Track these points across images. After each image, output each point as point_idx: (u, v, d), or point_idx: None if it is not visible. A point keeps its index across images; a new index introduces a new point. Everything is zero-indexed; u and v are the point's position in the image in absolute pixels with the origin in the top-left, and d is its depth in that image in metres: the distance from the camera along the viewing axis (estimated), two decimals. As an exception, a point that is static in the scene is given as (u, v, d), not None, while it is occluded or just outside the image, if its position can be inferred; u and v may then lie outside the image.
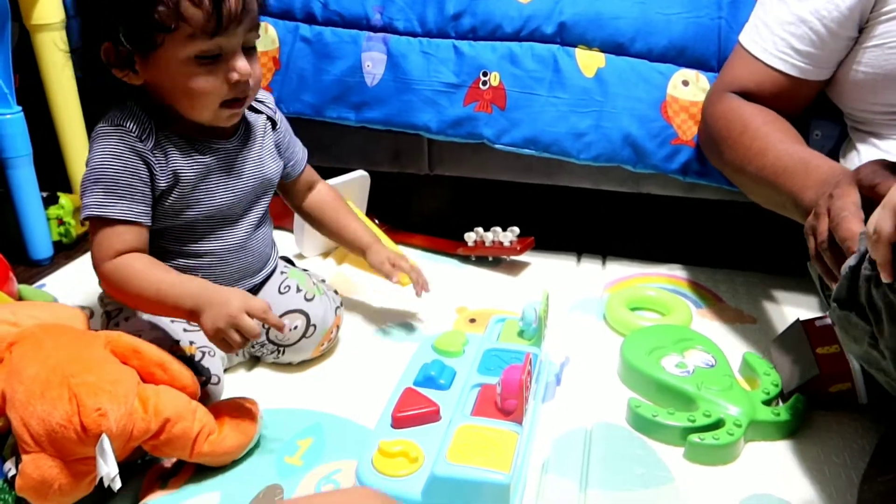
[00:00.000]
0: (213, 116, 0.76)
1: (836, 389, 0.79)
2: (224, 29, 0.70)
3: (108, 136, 0.74)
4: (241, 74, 0.73)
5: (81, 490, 0.63)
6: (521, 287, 1.11)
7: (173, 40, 0.69)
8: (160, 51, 0.70)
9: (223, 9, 0.69)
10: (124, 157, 0.73)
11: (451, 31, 1.09)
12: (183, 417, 0.67)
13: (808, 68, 0.87)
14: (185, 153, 0.78)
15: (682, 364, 0.83)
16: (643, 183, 1.13)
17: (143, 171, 0.74)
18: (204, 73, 0.72)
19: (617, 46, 1.04)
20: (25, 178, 1.15)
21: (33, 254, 1.18)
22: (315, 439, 0.76)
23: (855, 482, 0.70)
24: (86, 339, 0.67)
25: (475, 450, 0.65)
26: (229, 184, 0.82)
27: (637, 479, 0.71)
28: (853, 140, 0.91)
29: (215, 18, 0.69)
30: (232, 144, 0.81)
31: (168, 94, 0.74)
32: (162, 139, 0.76)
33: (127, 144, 0.74)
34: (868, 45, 0.82)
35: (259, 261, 0.89)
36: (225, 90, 0.73)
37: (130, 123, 0.75)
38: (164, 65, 0.71)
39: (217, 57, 0.72)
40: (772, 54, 0.88)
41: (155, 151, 0.75)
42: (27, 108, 1.14)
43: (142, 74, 0.73)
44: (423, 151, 1.19)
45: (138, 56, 0.71)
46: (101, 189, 0.73)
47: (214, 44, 0.70)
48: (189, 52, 0.70)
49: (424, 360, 0.84)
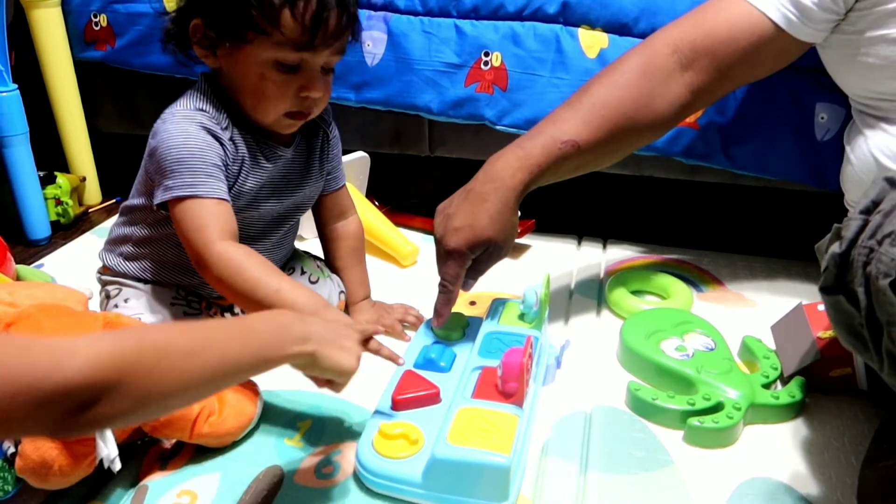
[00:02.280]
0: (274, 122, 0.75)
1: (837, 374, 0.79)
2: (313, 47, 0.70)
3: (185, 118, 0.72)
4: (314, 95, 0.73)
5: (81, 471, 0.63)
6: (522, 270, 1.11)
7: (262, 41, 0.69)
8: (246, 46, 0.70)
9: (320, 29, 0.69)
10: (207, 138, 0.72)
11: (453, 9, 1.07)
12: None
13: (796, 22, 0.79)
14: (253, 154, 0.77)
15: (682, 347, 0.83)
16: (645, 166, 1.12)
17: (222, 153, 0.73)
18: (279, 80, 0.71)
19: (620, 27, 1.03)
20: (22, 158, 1.14)
21: (31, 234, 1.17)
22: (315, 421, 0.76)
23: (855, 466, 0.70)
24: (84, 321, 0.67)
25: (475, 432, 0.65)
26: (283, 193, 0.81)
27: (637, 461, 0.71)
28: (859, 124, 0.89)
29: (309, 35, 0.69)
30: (290, 154, 0.80)
31: (238, 87, 0.74)
32: (235, 132, 0.75)
33: (206, 126, 0.72)
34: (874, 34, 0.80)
35: (282, 258, 0.90)
36: (292, 102, 0.73)
37: (208, 107, 0.74)
38: (244, 60, 0.71)
39: (296, 68, 0.71)
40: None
41: (230, 142, 0.74)
42: (23, 86, 1.13)
43: (220, 60, 0.73)
44: (423, 133, 1.18)
45: (222, 44, 0.71)
46: (186, 169, 0.70)
47: (298, 57, 0.70)
48: (271, 56, 0.70)
49: (425, 342, 0.83)
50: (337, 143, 0.88)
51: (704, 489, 0.68)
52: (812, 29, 0.80)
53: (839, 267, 0.59)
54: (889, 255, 0.53)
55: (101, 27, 1.20)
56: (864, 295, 0.56)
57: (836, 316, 0.62)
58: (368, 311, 0.93)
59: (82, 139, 1.28)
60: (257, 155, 0.77)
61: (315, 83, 0.72)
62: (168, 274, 0.81)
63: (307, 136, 0.83)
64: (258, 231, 0.82)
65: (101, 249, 0.86)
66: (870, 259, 0.55)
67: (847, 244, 0.57)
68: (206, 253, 0.69)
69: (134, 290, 0.81)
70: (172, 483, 0.67)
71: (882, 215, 0.57)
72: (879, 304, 0.55)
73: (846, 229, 0.58)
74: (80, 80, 1.25)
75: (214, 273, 0.69)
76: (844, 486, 0.68)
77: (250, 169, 0.76)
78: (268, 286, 0.68)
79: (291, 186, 0.82)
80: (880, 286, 0.53)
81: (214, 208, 0.70)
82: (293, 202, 0.83)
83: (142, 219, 0.80)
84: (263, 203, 0.80)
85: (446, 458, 0.63)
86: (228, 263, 0.68)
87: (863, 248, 0.56)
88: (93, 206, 1.32)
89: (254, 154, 0.77)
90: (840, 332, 0.63)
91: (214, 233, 0.69)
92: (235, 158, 0.75)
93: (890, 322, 0.54)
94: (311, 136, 0.83)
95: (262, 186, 0.78)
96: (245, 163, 0.76)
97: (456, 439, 0.64)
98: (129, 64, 1.21)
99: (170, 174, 0.70)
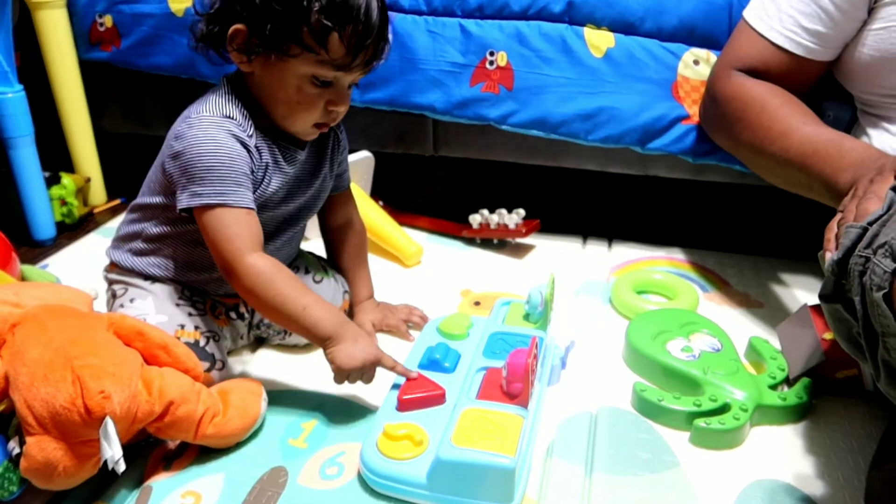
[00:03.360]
0: (302, 130, 0.77)
1: (843, 375, 0.79)
2: (350, 69, 0.72)
3: (214, 125, 0.72)
4: (341, 109, 0.76)
5: (86, 472, 0.63)
6: (527, 270, 1.11)
7: (305, 58, 0.70)
8: (288, 60, 0.71)
9: (361, 52, 0.71)
10: (236, 146, 0.72)
11: (458, 9, 1.07)
12: (187, 400, 0.67)
13: (816, 48, 0.86)
14: (275, 158, 0.77)
15: (688, 348, 0.83)
16: (651, 165, 1.12)
17: (249, 161, 0.73)
18: (313, 93, 0.73)
19: (626, 26, 1.03)
20: (27, 158, 1.14)
21: (36, 234, 1.18)
22: (319, 422, 0.76)
23: (862, 467, 0.70)
24: (89, 321, 0.67)
25: (480, 433, 0.65)
26: (298, 194, 0.82)
27: (642, 463, 0.71)
28: (863, 124, 0.89)
29: (350, 58, 0.71)
30: (304, 157, 0.81)
31: (270, 95, 0.74)
32: (259, 138, 0.76)
33: (234, 134, 0.72)
34: (874, 28, 0.81)
35: (289, 258, 0.90)
36: (321, 114, 0.75)
37: (235, 113, 0.74)
38: (282, 71, 0.72)
39: (329, 84, 0.73)
40: (779, 32, 0.87)
41: (256, 149, 0.75)
42: (29, 87, 1.13)
43: (255, 67, 0.73)
44: (428, 132, 1.18)
45: (265, 54, 0.71)
46: (217, 178, 0.70)
47: (334, 75, 0.72)
48: (310, 72, 0.71)
49: (429, 343, 0.83)
50: (346, 145, 0.89)
51: (711, 491, 0.67)
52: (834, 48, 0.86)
53: (837, 275, 0.58)
54: (882, 266, 0.52)
55: (106, 28, 1.20)
56: (861, 304, 0.56)
57: (834, 324, 0.62)
58: (373, 310, 0.94)
59: (87, 140, 1.29)
60: (279, 159, 0.78)
61: (344, 99, 0.75)
62: (178, 271, 0.82)
63: (319, 138, 0.83)
64: (270, 231, 0.82)
65: (109, 247, 0.86)
66: (865, 269, 0.54)
67: (844, 252, 0.57)
68: (238, 265, 0.70)
69: (140, 290, 0.81)
70: (176, 484, 0.67)
71: (879, 224, 0.56)
72: (874, 315, 0.54)
73: (845, 237, 0.58)
74: (85, 81, 1.25)
75: (245, 285, 0.71)
76: (852, 488, 0.68)
77: (273, 173, 0.77)
78: (296, 303, 0.71)
79: (304, 187, 0.83)
80: (874, 298, 0.53)
81: (244, 218, 0.71)
82: (305, 202, 0.84)
83: (154, 216, 0.80)
84: (281, 204, 0.81)
85: (451, 460, 0.63)
86: (259, 277, 0.70)
87: (859, 257, 0.55)
88: (98, 207, 1.32)
89: (276, 158, 0.77)
90: (840, 339, 0.63)
91: (246, 244, 0.71)
92: (260, 164, 0.75)
93: (884, 333, 0.54)
94: (323, 138, 0.84)
95: (280, 187, 0.79)
96: (269, 167, 0.77)
97: (461, 440, 0.64)
98: (135, 65, 1.22)
99: (199, 181, 0.70)
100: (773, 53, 0.88)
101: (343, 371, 0.72)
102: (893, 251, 0.52)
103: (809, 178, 0.79)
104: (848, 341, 0.62)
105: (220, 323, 0.83)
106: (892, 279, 0.51)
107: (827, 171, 0.76)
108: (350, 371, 0.72)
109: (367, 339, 0.74)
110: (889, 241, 0.52)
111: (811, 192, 0.80)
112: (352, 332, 0.73)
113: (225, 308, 0.85)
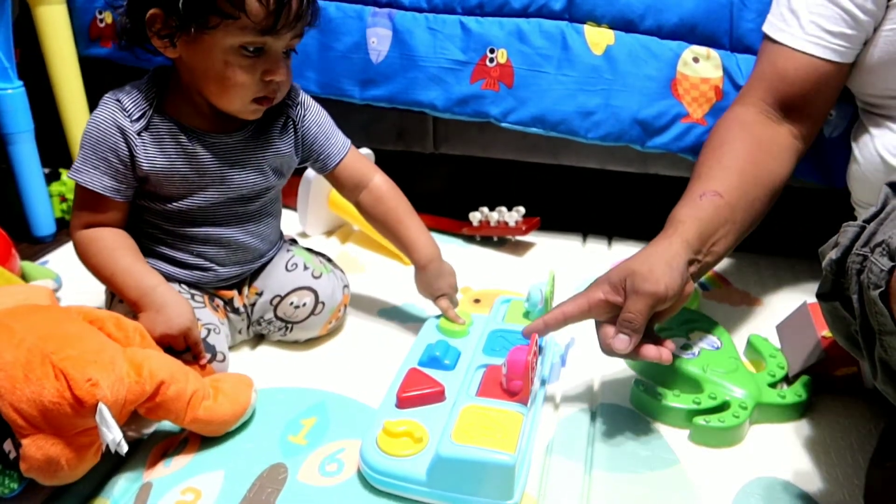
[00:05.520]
0: (241, 108, 0.76)
1: (842, 373, 0.79)
2: (276, 30, 0.70)
3: (102, 106, 0.75)
4: (277, 78, 0.74)
5: (88, 461, 0.63)
6: (527, 267, 1.11)
7: (226, 27, 0.69)
8: (209, 33, 0.70)
9: (283, 11, 0.70)
10: (108, 132, 0.74)
11: (458, 6, 1.07)
12: (177, 379, 0.67)
13: (843, 49, 0.82)
14: (177, 142, 0.77)
15: (688, 346, 0.83)
16: (651, 163, 1.12)
17: (122, 148, 0.75)
18: (244, 65, 0.72)
19: (626, 23, 1.02)
20: (27, 154, 1.14)
21: (36, 230, 1.18)
22: (319, 418, 0.76)
23: (862, 465, 0.70)
24: (56, 315, 0.67)
25: (480, 430, 0.65)
26: (226, 179, 0.80)
27: (642, 460, 0.71)
28: (865, 123, 0.89)
29: (273, 18, 0.70)
30: (233, 139, 0.79)
31: (200, 76, 0.74)
32: (157, 123, 0.76)
33: (113, 119, 0.74)
34: (885, 29, 0.80)
35: (261, 249, 0.87)
36: (258, 87, 0.74)
37: (128, 100, 0.75)
38: (207, 48, 0.71)
39: (260, 51, 0.72)
40: (805, 40, 0.83)
41: (143, 133, 0.75)
42: (28, 83, 1.13)
43: (179, 50, 0.73)
44: (428, 130, 1.18)
45: (184, 32, 0.71)
46: (82, 154, 0.76)
47: (262, 40, 0.71)
48: (235, 42, 0.70)
49: (429, 340, 0.83)
50: (315, 120, 0.86)
51: (710, 488, 0.67)
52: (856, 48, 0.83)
53: (836, 273, 0.58)
54: (879, 265, 0.52)
55: (106, 24, 1.20)
56: (858, 303, 0.56)
57: (833, 322, 0.62)
58: (446, 274, 0.88)
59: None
60: (185, 144, 0.77)
61: (278, 67, 0.74)
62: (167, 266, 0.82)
63: (261, 122, 0.81)
64: (217, 217, 0.82)
65: None
66: (863, 267, 0.54)
67: (842, 251, 0.57)
68: (72, 236, 0.79)
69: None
70: (176, 480, 0.67)
71: (877, 223, 0.56)
72: (871, 313, 0.54)
73: (843, 236, 0.58)
74: (85, 78, 1.24)
75: (77, 254, 0.79)
76: (851, 486, 0.68)
77: (177, 158, 0.77)
78: (105, 271, 0.77)
79: (237, 172, 0.80)
80: (871, 296, 0.53)
81: (89, 197, 0.77)
82: (240, 189, 0.81)
83: (133, 210, 0.81)
84: (206, 190, 0.79)
85: (451, 457, 0.63)
86: (80, 247, 0.78)
87: (857, 255, 0.55)
88: (98, 203, 1.32)
89: (178, 141, 0.77)
90: (838, 336, 0.63)
91: (79, 220, 0.78)
92: (148, 149, 0.75)
93: (881, 331, 0.54)
94: (267, 122, 0.82)
95: (196, 174, 0.78)
96: (169, 152, 0.76)
97: (460, 437, 0.64)
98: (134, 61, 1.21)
99: (79, 156, 0.77)
100: (801, 63, 0.84)
101: (156, 339, 0.73)
102: (890, 250, 0.52)
103: None
104: (846, 339, 0.62)
105: (219, 315, 0.83)
106: (888, 278, 0.51)
107: None
108: (157, 340, 0.73)
109: (173, 308, 0.74)
110: (886, 239, 0.52)
111: None
112: (157, 302, 0.74)
113: (223, 301, 0.86)
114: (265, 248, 0.88)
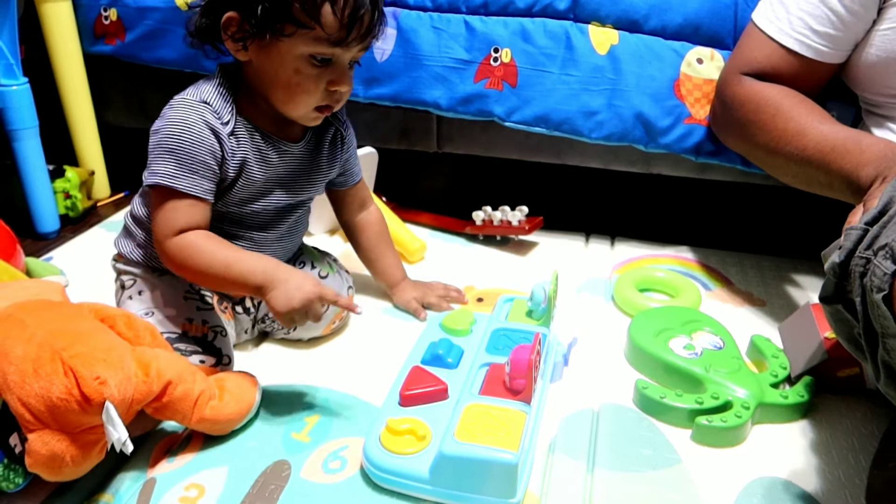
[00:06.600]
0: (304, 115, 0.77)
1: (844, 374, 0.79)
2: (347, 43, 0.71)
3: (189, 108, 0.73)
4: (342, 89, 0.75)
5: (93, 458, 0.63)
6: (529, 267, 1.11)
7: (300, 36, 0.70)
8: (282, 41, 0.71)
9: (355, 25, 0.71)
10: (203, 133, 0.72)
11: (462, 5, 1.07)
12: (184, 380, 0.67)
13: (826, 50, 0.85)
14: (258, 148, 0.77)
15: (690, 346, 0.83)
16: (654, 163, 1.12)
17: (217, 150, 0.74)
18: (312, 74, 0.72)
19: (631, 23, 1.02)
20: (32, 151, 1.14)
21: (40, 227, 1.18)
22: (322, 416, 0.76)
23: (864, 466, 0.70)
24: (67, 312, 0.67)
25: (483, 429, 0.65)
26: (288, 187, 0.82)
27: (644, 460, 0.71)
28: (867, 124, 0.89)
29: (346, 31, 0.71)
30: (298, 149, 0.81)
31: (268, 81, 0.74)
32: (240, 126, 0.76)
33: (206, 120, 0.73)
34: (881, 29, 0.81)
35: (291, 249, 0.90)
36: (322, 96, 0.75)
37: (215, 100, 0.74)
38: (279, 54, 0.72)
39: (328, 62, 0.73)
40: (788, 35, 0.87)
41: (231, 137, 0.75)
42: (33, 79, 1.13)
43: (251, 53, 0.73)
44: (431, 129, 1.18)
45: (258, 38, 0.71)
46: (172, 159, 0.72)
47: (332, 52, 0.72)
48: (307, 51, 0.71)
49: (432, 338, 0.83)
50: (352, 141, 0.90)
51: (712, 488, 0.68)
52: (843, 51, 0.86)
53: (838, 276, 0.58)
54: (882, 268, 0.52)
55: (111, 21, 1.21)
56: (861, 305, 0.56)
57: (835, 324, 0.62)
58: (412, 289, 0.97)
59: (91, 133, 1.29)
60: (264, 151, 0.78)
61: (344, 77, 0.75)
62: None
63: (317, 134, 0.83)
64: (264, 222, 0.82)
65: (117, 236, 0.86)
66: (866, 270, 0.54)
67: (845, 254, 0.57)
68: (161, 245, 0.73)
69: (148, 283, 0.82)
70: (180, 476, 0.67)
71: (880, 226, 0.56)
72: (874, 316, 0.54)
73: (846, 238, 0.58)
74: (89, 74, 1.25)
75: (173, 264, 0.74)
76: (853, 486, 0.68)
77: (254, 164, 0.77)
78: (219, 265, 0.72)
79: (300, 181, 0.83)
80: (874, 299, 0.53)
81: (183, 202, 0.72)
82: (298, 197, 0.84)
83: (149, 204, 0.81)
84: (270, 195, 0.81)
85: (454, 455, 0.63)
86: (182, 253, 0.73)
87: (860, 258, 0.55)
88: (101, 200, 1.32)
89: (259, 149, 0.77)
90: (841, 338, 0.64)
91: (172, 227, 0.72)
92: (236, 152, 0.75)
93: (884, 334, 0.54)
94: (321, 134, 0.84)
95: (268, 179, 0.79)
96: (249, 158, 0.77)
97: (464, 436, 0.64)
98: (139, 58, 1.22)
99: (159, 159, 0.72)
100: (783, 56, 0.88)
101: (285, 315, 0.70)
102: (894, 253, 0.52)
103: (829, 176, 0.79)
104: (849, 341, 0.62)
105: (226, 317, 0.83)
106: (892, 281, 0.51)
107: (847, 167, 0.75)
108: (292, 312, 0.70)
109: (301, 277, 0.72)
110: (889, 242, 0.52)
111: (831, 189, 0.80)
112: (283, 275, 0.71)
113: (231, 302, 0.86)
114: (285, 258, 0.89)
